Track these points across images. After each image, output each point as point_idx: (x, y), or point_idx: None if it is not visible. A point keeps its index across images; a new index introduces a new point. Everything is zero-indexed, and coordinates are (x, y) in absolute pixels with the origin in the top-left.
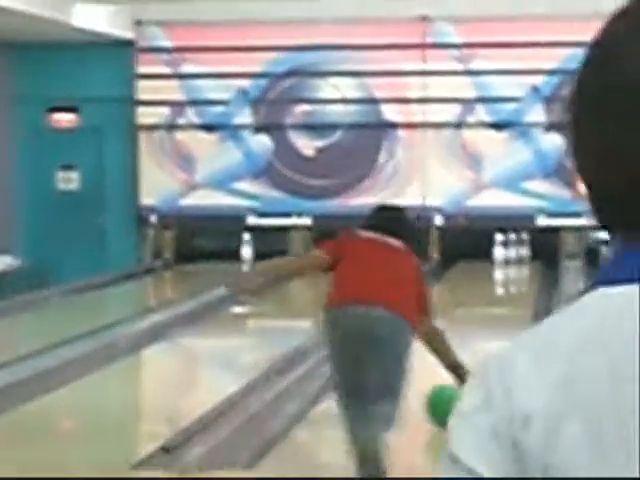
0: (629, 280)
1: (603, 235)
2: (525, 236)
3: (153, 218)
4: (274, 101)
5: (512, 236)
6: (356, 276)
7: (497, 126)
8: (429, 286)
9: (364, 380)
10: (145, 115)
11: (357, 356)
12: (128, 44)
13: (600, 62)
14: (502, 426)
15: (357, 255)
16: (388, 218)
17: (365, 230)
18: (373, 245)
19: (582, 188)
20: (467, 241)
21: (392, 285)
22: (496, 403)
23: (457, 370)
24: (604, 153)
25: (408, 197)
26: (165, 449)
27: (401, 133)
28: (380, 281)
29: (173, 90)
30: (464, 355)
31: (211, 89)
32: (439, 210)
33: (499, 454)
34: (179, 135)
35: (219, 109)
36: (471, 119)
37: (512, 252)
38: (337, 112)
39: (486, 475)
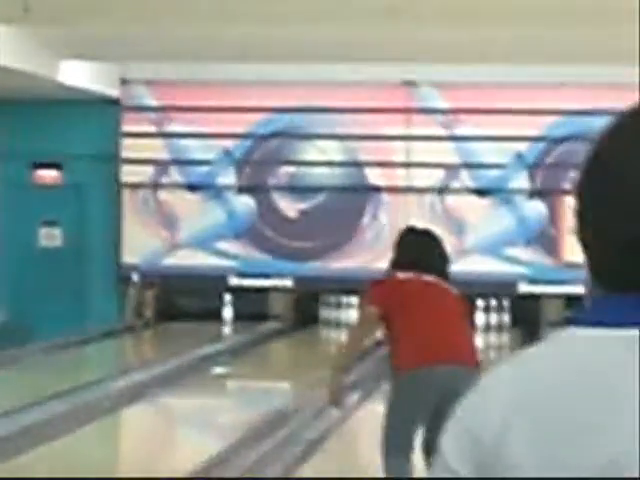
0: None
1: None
2: (506, 302)
3: (135, 276)
4: (258, 162)
5: (493, 302)
6: (419, 332)
7: (480, 192)
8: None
9: (430, 436)
10: (129, 173)
11: (430, 414)
12: (114, 102)
13: (601, 176)
14: (475, 430)
15: (410, 306)
16: (423, 251)
17: (400, 269)
18: (420, 290)
19: (564, 256)
20: None
21: (453, 333)
22: (475, 413)
23: None
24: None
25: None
26: None
27: (385, 197)
28: (442, 332)
29: (158, 149)
30: None
31: (196, 149)
32: None
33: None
34: (163, 194)
35: (203, 169)
36: (454, 184)
37: (493, 318)
38: (321, 174)
39: (461, 472)
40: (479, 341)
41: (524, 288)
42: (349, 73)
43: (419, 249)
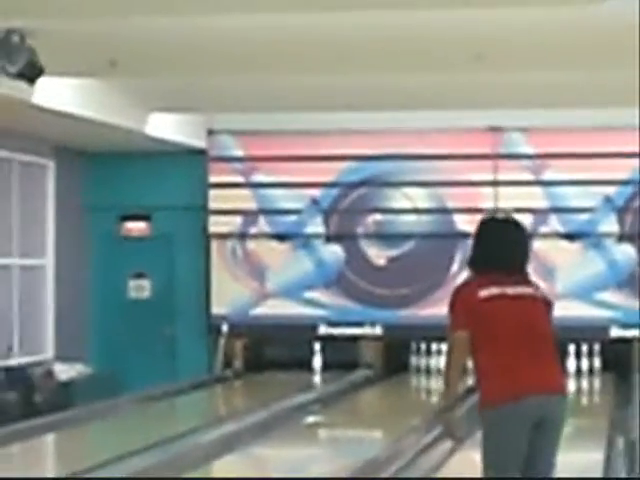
0: None
1: None
2: (597, 347)
3: (224, 327)
4: (346, 210)
5: (584, 347)
6: (508, 362)
7: (569, 236)
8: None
9: (532, 470)
10: (217, 224)
11: (532, 445)
12: (200, 153)
13: None
14: None
15: (496, 333)
16: (506, 246)
17: (480, 266)
18: (506, 313)
19: None
20: None
21: (543, 361)
22: None
23: None
24: None
25: None
26: None
27: None
28: (532, 361)
29: (245, 199)
30: None
31: (283, 198)
32: None
33: None
34: (251, 244)
35: (291, 218)
36: (543, 229)
37: (584, 363)
38: (409, 222)
39: None
40: (571, 385)
41: (615, 332)
42: (435, 120)
43: (501, 244)
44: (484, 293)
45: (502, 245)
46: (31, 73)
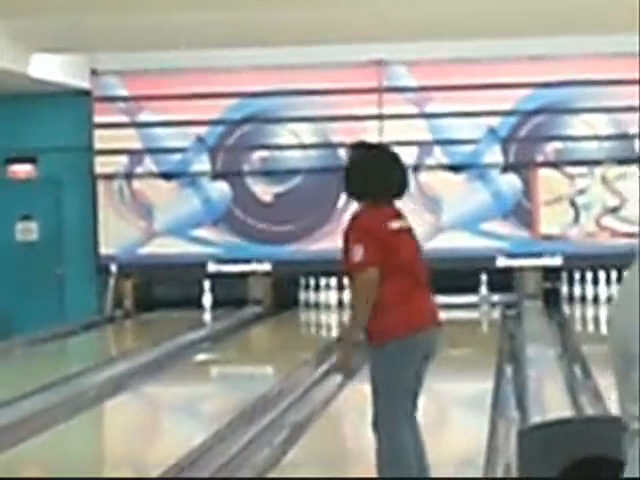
0: None
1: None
2: (484, 277)
3: (113, 267)
4: (232, 148)
5: (470, 278)
6: (406, 296)
7: (454, 168)
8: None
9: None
10: (103, 164)
11: (418, 375)
12: (85, 93)
13: None
14: None
15: (398, 266)
16: (397, 181)
17: (375, 205)
18: (403, 247)
19: (540, 228)
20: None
21: (428, 294)
22: None
23: None
24: None
25: None
26: None
27: None
28: (422, 295)
29: (131, 139)
30: (429, 397)
31: (169, 137)
32: None
33: None
34: (137, 184)
35: (177, 157)
36: (428, 162)
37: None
38: (295, 157)
39: None
40: (460, 316)
41: (502, 262)
42: (319, 55)
43: (391, 175)
44: (394, 225)
45: (392, 175)
46: None
